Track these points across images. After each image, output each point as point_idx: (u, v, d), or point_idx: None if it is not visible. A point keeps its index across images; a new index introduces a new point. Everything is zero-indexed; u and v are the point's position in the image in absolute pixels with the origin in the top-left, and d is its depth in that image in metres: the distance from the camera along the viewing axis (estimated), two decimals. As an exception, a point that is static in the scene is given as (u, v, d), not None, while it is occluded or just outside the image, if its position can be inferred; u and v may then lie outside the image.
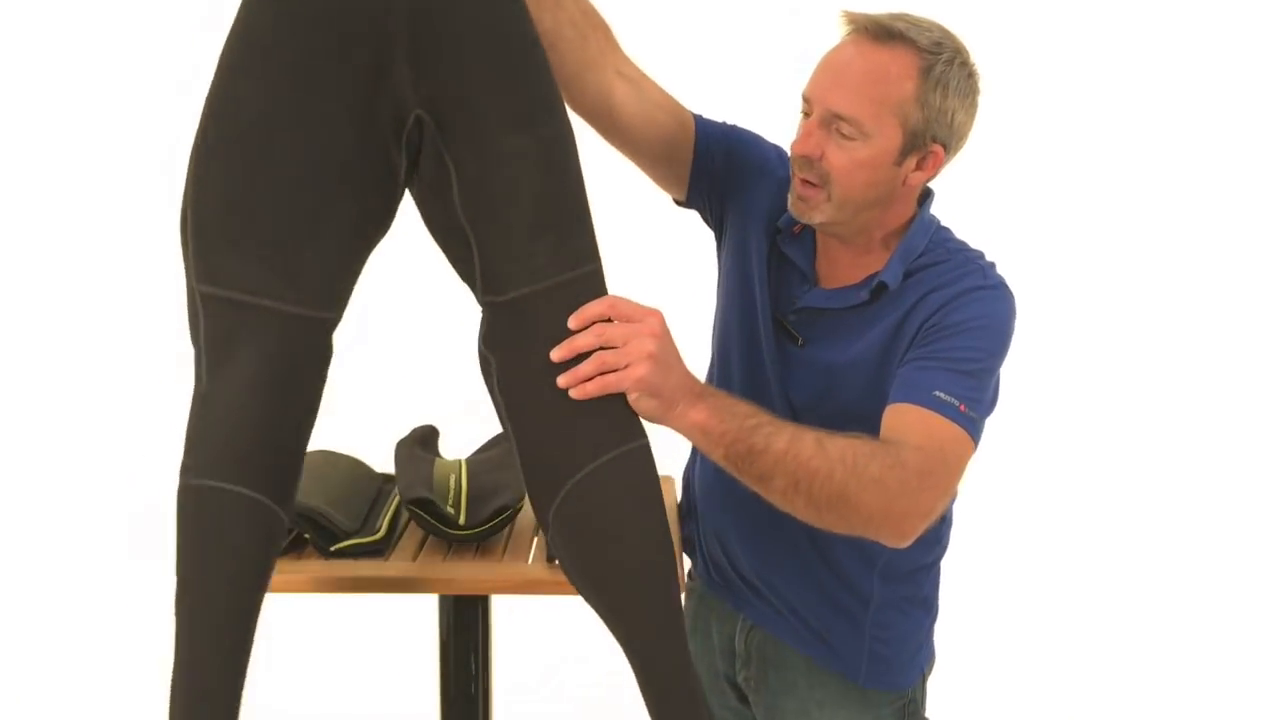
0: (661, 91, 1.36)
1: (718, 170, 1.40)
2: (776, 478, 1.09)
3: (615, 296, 1.10)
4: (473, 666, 1.39)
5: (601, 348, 1.06)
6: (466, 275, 1.15)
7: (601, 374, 1.06)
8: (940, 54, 1.20)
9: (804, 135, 1.24)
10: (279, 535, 1.08)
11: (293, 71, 1.05)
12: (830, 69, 1.23)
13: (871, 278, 1.29)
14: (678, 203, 1.47)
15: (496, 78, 1.08)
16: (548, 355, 1.06)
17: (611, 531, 1.07)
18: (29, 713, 2.72)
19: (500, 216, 1.09)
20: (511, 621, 1.20)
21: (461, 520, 1.35)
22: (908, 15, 1.23)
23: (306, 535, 1.34)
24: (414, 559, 1.33)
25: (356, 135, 1.07)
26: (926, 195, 1.34)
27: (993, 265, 1.30)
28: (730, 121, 1.43)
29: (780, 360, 1.34)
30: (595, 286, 1.10)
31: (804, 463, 1.08)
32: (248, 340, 1.04)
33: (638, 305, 1.10)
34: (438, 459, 1.54)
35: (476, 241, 1.10)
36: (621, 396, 1.07)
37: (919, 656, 1.42)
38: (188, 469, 1.04)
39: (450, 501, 1.39)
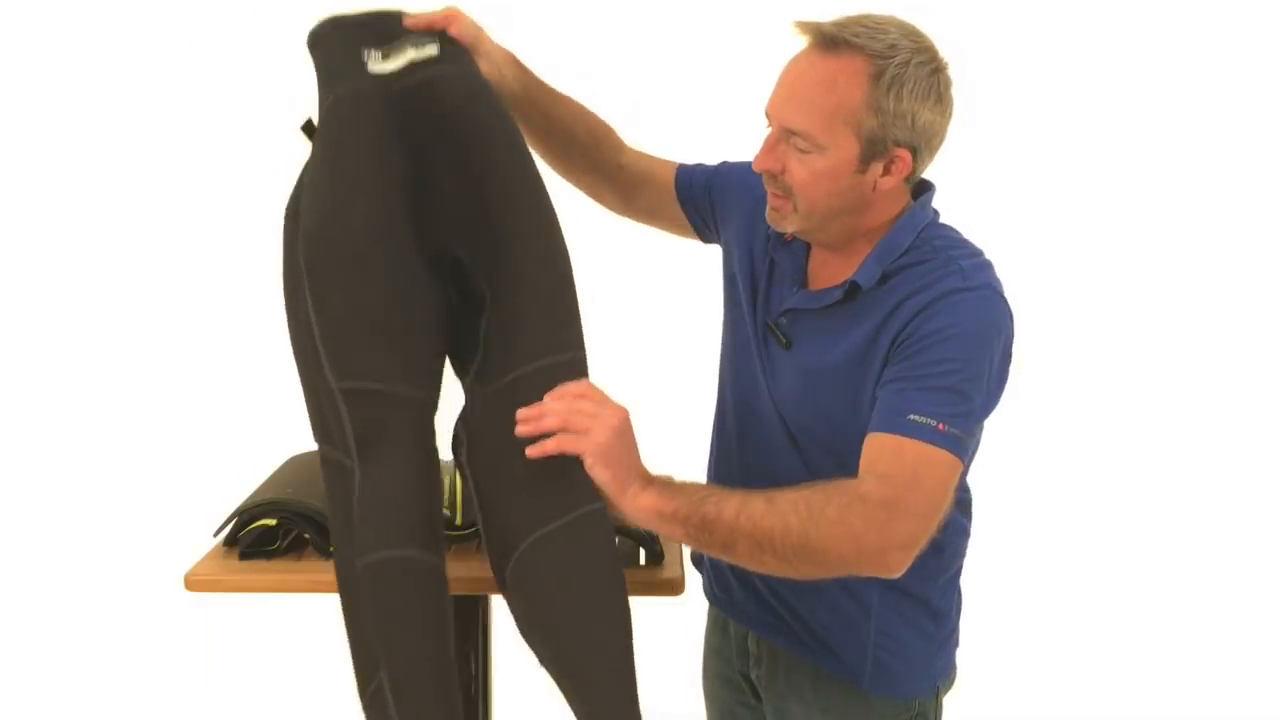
0: (650, 161, 1.52)
1: (704, 206, 1.49)
2: (738, 543, 1.11)
3: (590, 384, 1.17)
4: (473, 666, 1.39)
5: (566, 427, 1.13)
6: (460, 369, 1.28)
7: (564, 435, 1.11)
8: (894, 56, 1.18)
9: (764, 151, 1.25)
10: (446, 583, 1.18)
11: (369, 188, 1.21)
12: (783, 83, 1.24)
13: (850, 278, 1.28)
14: (706, 241, 1.55)
15: (514, 205, 1.23)
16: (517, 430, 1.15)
17: (561, 587, 1.12)
18: (29, 712, 2.72)
19: (511, 326, 1.22)
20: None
21: (458, 520, 1.34)
22: (866, 18, 1.21)
23: (306, 535, 1.34)
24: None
25: (418, 264, 1.22)
26: (924, 189, 1.32)
27: (980, 265, 1.26)
28: (728, 158, 1.51)
29: (769, 363, 1.35)
30: (577, 370, 1.19)
31: (757, 522, 1.10)
32: (395, 425, 1.16)
33: (608, 398, 1.16)
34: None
35: (485, 346, 1.23)
36: (580, 468, 1.11)
37: (930, 668, 1.39)
38: (363, 548, 1.12)
39: (446, 503, 1.39)
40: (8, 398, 3.17)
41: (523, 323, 1.21)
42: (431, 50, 1.23)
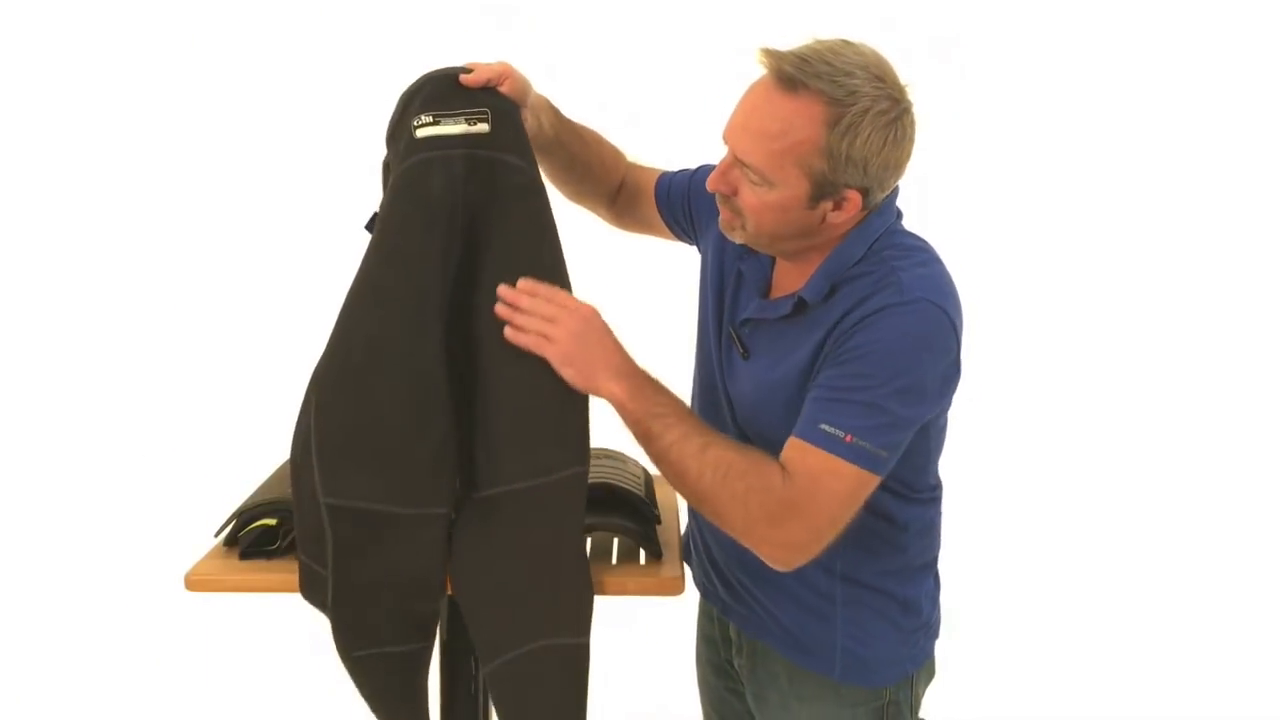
0: (641, 172, 1.59)
1: (682, 214, 1.54)
2: (662, 465, 1.23)
3: (561, 291, 1.25)
4: (473, 666, 1.40)
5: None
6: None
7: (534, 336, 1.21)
8: (853, 104, 1.16)
9: (718, 173, 1.26)
10: (428, 657, 1.30)
11: (398, 282, 1.22)
12: (740, 112, 1.23)
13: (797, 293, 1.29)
14: (695, 245, 1.58)
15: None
16: (503, 542, 1.22)
17: (532, 706, 1.22)
18: (30, 712, 2.72)
19: (493, 426, 1.24)
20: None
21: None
22: (832, 55, 1.17)
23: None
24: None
25: (442, 339, 1.23)
26: (888, 198, 1.29)
27: (923, 276, 1.24)
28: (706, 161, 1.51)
29: (729, 371, 1.38)
30: (570, 490, 1.22)
31: (683, 458, 1.20)
32: (371, 539, 1.20)
33: (574, 300, 1.24)
34: None
35: (472, 446, 1.25)
36: (569, 591, 1.22)
37: (901, 657, 1.40)
38: (346, 646, 1.24)
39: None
40: (9, 399, 3.17)
41: (488, 437, 1.24)
42: (483, 127, 1.25)
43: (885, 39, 1.28)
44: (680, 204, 1.53)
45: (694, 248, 1.57)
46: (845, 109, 1.16)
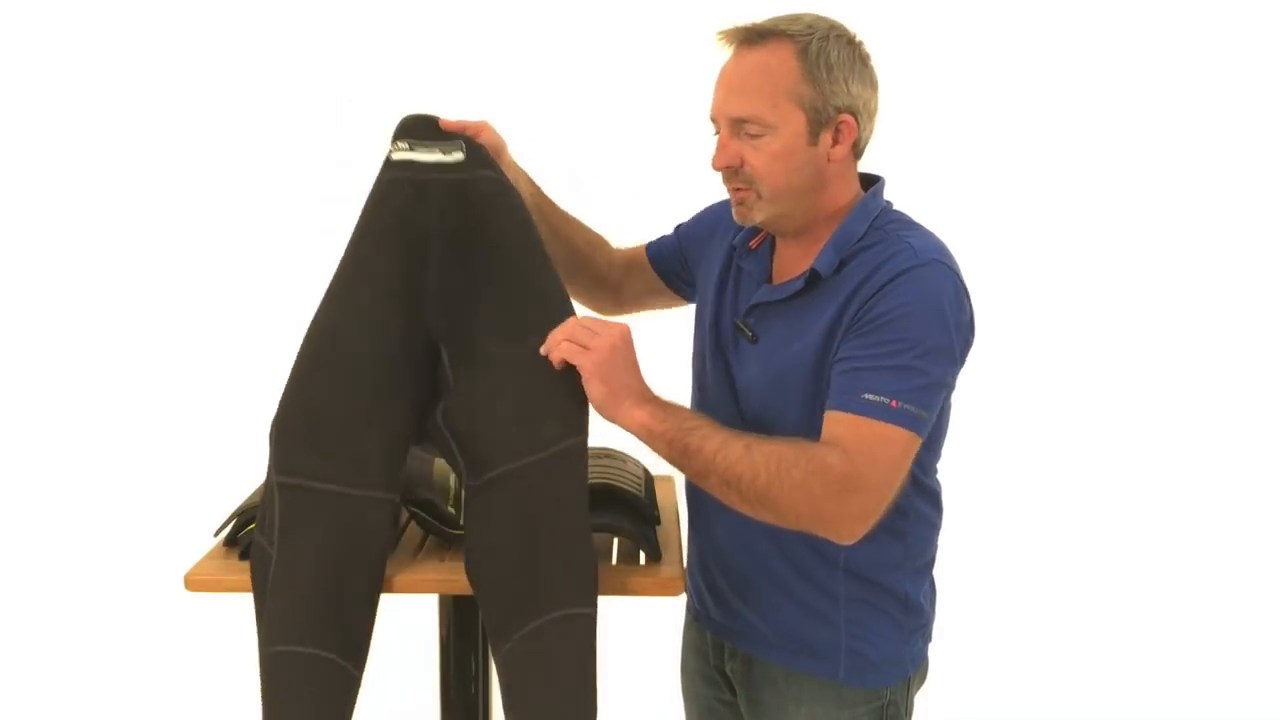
0: (627, 251, 1.63)
1: (681, 266, 1.60)
2: (710, 476, 1.21)
3: (587, 317, 1.26)
4: (473, 666, 1.40)
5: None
6: (451, 464, 1.31)
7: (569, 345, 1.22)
8: (813, 34, 1.27)
9: (719, 150, 1.32)
10: (353, 687, 1.22)
11: (360, 284, 1.28)
12: (722, 84, 1.32)
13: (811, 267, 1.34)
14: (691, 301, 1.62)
15: (505, 300, 1.29)
16: (514, 525, 1.22)
17: (542, 682, 1.21)
18: (30, 712, 2.72)
19: (481, 419, 1.26)
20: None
21: (462, 520, 1.34)
22: (778, 16, 1.30)
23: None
24: (414, 559, 1.33)
25: (403, 342, 1.27)
26: (875, 181, 1.38)
27: (930, 242, 1.31)
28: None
29: (738, 362, 1.40)
30: (570, 461, 1.24)
31: (731, 465, 1.19)
32: (315, 520, 1.22)
33: (608, 321, 1.26)
34: (437, 459, 1.54)
35: (459, 443, 1.27)
36: (577, 562, 1.21)
37: (902, 657, 1.42)
38: (267, 639, 1.19)
39: (450, 501, 1.39)
40: (9, 399, 3.17)
41: (490, 422, 1.26)
42: (458, 155, 1.30)
43: (886, 40, 1.30)
44: (674, 256, 1.60)
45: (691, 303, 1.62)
46: (809, 38, 1.27)
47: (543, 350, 1.24)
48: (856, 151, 1.34)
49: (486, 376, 1.27)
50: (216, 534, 1.37)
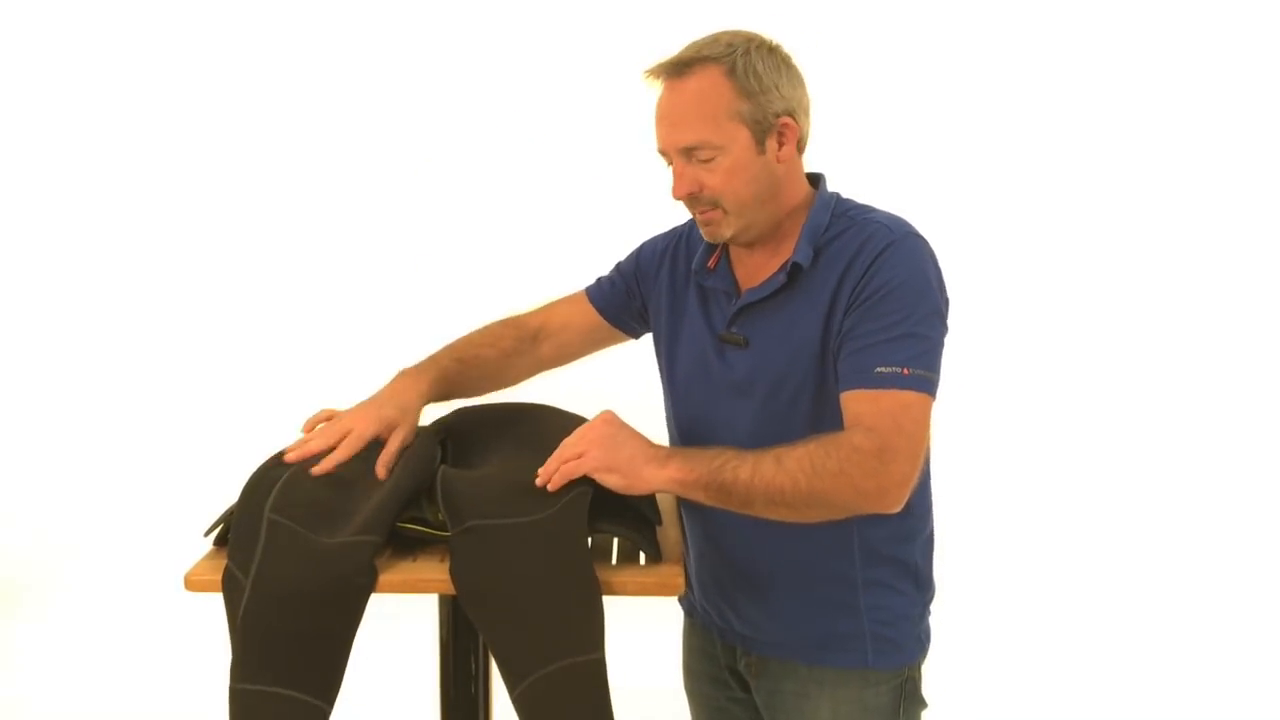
0: (553, 308, 1.64)
1: (633, 304, 1.61)
2: (755, 500, 1.24)
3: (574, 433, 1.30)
4: (473, 666, 1.40)
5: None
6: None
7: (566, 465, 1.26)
8: (735, 51, 1.32)
9: (677, 180, 1.37)
10: None
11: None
12: (663, 119, 1.36)
13: (787, 262, 1.38)
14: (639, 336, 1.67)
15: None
16: (510, 570, 1.22)
17: None
18: (30, 712, 2.72)
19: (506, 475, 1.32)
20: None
21: (440, 518, 1.33)
22: (696, 41, 1.35)
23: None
24: (414, 559, 1.33)
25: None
26: (818, 179, 1.44)
27: (893, 218, 1.38)
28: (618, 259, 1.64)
29: (735, 369, 1.42)
30: (574, 511, 1.24)
31: (769, 482, 1.22)
32: (295, 560, 1.22)
33: (583, 422, 1.31)
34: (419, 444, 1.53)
35: (443, 491, 1.30)
36: (582, 607, 1.21)
37: (919, 632, 1.47)
38: (239, 675, 1.21)
39: (437, 500, 1.38)
40: (10, 400, 3.17)
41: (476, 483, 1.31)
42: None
43: (884, 38, 1.30)
44: (622, 293, 1.62)
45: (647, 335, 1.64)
46: (732, 56, 1.32)
47: (539, 482, 1.27)
48: (800, 148, 1.40)
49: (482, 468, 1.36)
50: (206, 534, 1.37)
